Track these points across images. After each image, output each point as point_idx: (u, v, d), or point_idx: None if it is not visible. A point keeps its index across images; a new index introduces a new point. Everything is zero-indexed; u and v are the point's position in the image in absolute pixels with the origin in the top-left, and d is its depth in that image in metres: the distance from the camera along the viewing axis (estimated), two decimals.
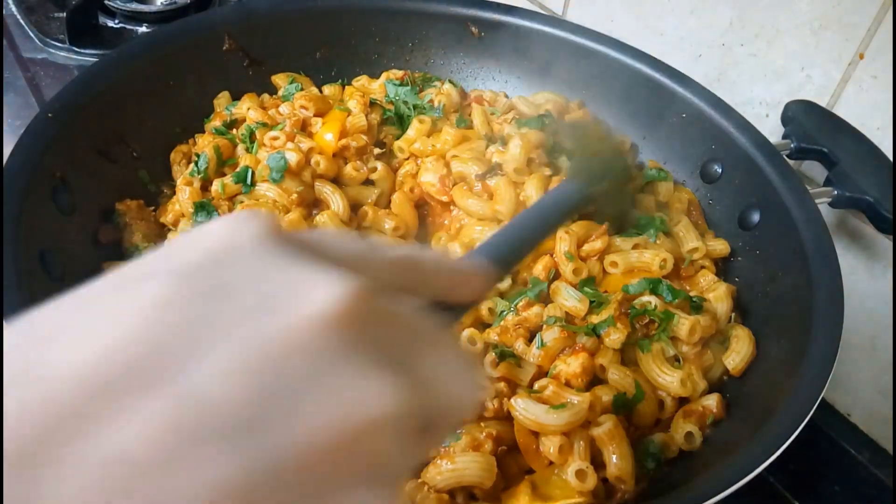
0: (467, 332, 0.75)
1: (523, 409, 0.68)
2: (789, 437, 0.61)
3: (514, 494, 0.66)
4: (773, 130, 0.92)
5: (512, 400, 0.69)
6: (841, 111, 0.87)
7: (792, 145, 0.87)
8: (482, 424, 0.69)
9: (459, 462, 0.64)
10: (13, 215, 0.68)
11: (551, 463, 0.67)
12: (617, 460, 0.67)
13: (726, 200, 0.90)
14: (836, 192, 0.83)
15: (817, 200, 0.81)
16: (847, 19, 0.83)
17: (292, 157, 0.85)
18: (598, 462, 0.68)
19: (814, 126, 0.87)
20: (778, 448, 0.60)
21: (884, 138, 0.84)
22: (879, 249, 0.88)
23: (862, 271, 0.90)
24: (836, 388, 0.95)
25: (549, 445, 0.66)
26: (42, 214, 0.73)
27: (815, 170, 0.92)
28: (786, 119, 0.90)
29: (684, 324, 0.74)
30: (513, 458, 0.70)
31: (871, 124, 0.85)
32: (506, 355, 0.73)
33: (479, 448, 0.66)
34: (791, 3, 0.88)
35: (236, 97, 0.99)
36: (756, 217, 0.86)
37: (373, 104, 0.98)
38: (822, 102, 0.89)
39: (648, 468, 0.70)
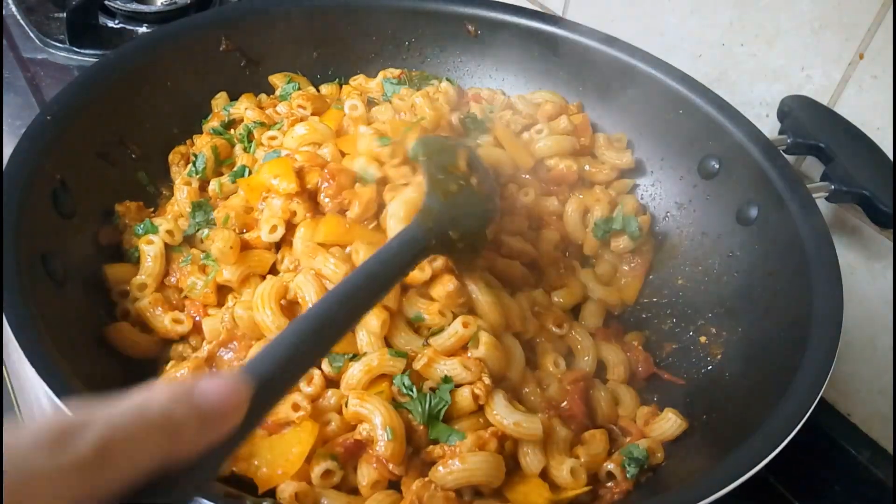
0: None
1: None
2: (787, 436, 0.61)
3: (523, 491, 0.67)
4: (773, 130, 0.91)
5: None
6: (841, 111, 0.87)
7: (788, 140, 0.87)
8: (481, 420, 0.70)
9: (470, 462, 0.65)
10: (14, 218, 0.68)
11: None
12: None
13: (724, 196, 0.90)
14: (832, 187, 0.82)
15: (814, 195, 0.81)
16: (847, 19, 0.83)
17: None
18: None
19: (810, 121, 0.86)
20: (776, 447, 0.60)
21: (884, 138, 0.84)
22: (879, 249, 0.88)
23: (862, 271, 0.90)
24: (836, 388, 0.95)
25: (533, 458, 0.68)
26: (43, 217, 0.73)
27: (811, 165, 0.92)
28: (782, 114, 0.90)
29: None
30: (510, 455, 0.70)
31: (871, 124, 0.84)
32: None
33: (485, 447, 0.67)
34: (791, 3, 0.88)
35: (234, 97, 0.99)
36: (754, 212, 0.85)
37: (370, 103, 0.98)
38: (823, 102, 0.89)
39: (631, 473, 0.70)
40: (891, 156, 0.83)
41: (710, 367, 0.82)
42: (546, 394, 0.75)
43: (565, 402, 0.74)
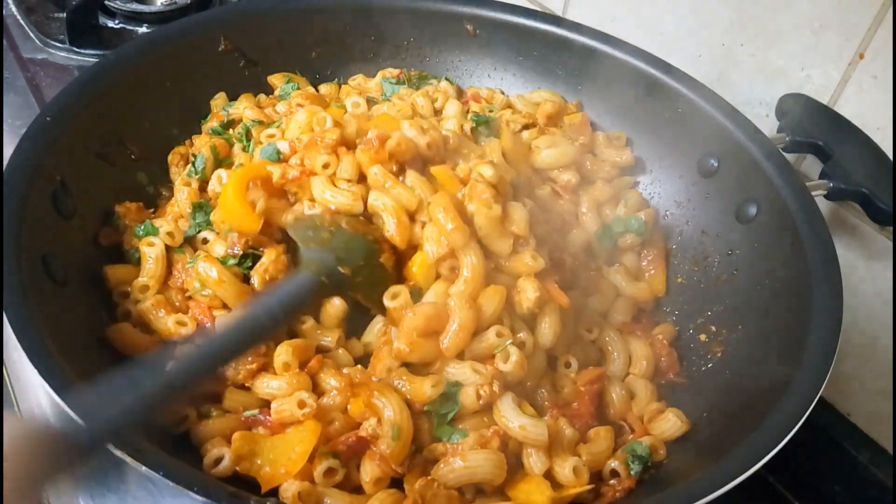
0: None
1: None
2: (787, 435, 0.61)
3: (525, 489, 0.67)
4: (773, 130, 0.91)
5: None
6: (841, 111, 0.87)
7: (787, 139, 0.87)
8: (485, 419, 0.70)
9: (472, 460, 0.65)
10: (14, 218, 0.68)
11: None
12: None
13: (723, 194, 0.90)
14: (831, 185, 0.83)
15: (813, 193, 0.81)
16: (847, 19, 0.83)
17: (284, 146, 0.83)
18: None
19: (808, 119, 0.87)
20: (776, 446, 0.60)
21: (884, 138, 0.84)
22: (879, 248, 0.88)
23: (862, 271, 0.90)
24: (836, 388, 0.95)
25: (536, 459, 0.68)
26: (43, 218, 0.73)
27: (810, 165, 0.92)
28: (780, 113, 0.90)
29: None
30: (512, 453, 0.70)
31: (871, 124, 0.85)
32: None
33: (487, 445, 0.67)
34: (791, 3, 0.88)
35: (233, 97, 0.99)
36: (753, 210, 0.85)
37: (369, 102, 0.98)
38: (823, 102, 0.89)
39: (635, 471, 0.70)
40: (891, 156, 0.83)
41: (710, 366, 0.82)
42: (560, 395, 0.74)
43: (575, 403, 0.74)
